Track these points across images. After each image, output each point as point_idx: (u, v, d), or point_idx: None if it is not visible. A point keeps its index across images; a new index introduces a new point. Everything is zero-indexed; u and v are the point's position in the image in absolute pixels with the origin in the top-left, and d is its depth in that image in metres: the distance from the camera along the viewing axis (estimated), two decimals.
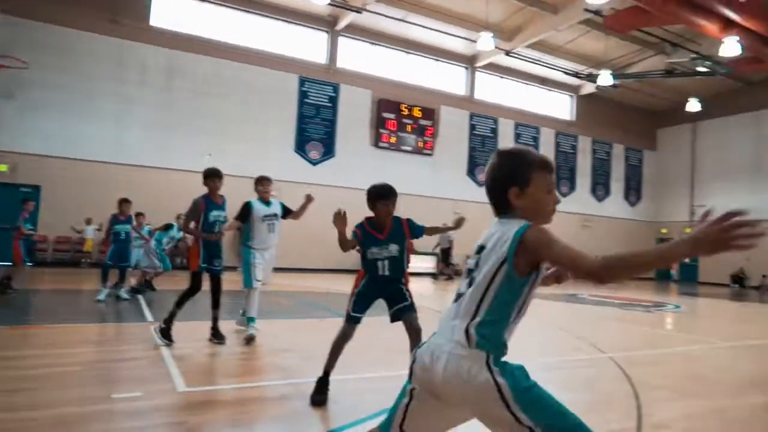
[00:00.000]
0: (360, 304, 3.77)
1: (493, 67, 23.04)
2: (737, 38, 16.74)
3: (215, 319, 5.44)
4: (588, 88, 24.55)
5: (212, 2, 17.94)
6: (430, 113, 21.51)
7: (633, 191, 27.98)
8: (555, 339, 6.99)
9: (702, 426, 3.62)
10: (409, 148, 21.07)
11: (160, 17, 17.21)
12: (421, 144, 21.31)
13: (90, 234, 14.76)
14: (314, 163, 19.24)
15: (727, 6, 16.01)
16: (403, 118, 20.91)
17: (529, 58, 21.50)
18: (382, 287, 3.83)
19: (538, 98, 25.03)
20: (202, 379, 4.06)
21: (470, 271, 1.61)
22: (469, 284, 1.57)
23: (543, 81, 24.58)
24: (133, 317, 7.06)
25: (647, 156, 28.53)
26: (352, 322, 3.72)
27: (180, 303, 5.25)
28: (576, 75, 22.26)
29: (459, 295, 1.60)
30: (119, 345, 5.30)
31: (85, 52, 15.82)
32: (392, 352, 5.57)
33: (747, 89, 24.75)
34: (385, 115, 20.59)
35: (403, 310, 3.75)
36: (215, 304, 5.47)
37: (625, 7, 16.95)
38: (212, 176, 5.55)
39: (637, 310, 11.37)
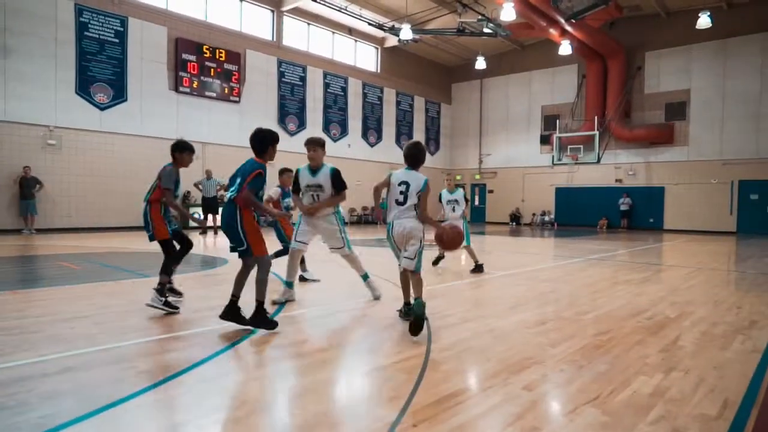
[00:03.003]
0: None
1: (301, 13, 22.54)
2: (512, 4, 18.86)
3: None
4: (391, 41, 25.57)
5: None
6: (235, 57, 20.34)
7: (432, 141, 30.47)
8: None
9: (477, 344, 4.22)
10: (213, 94, 19.76)
11: None
12: (227, 90, 20.14)
13: None
14: (102, 107, 16.92)
15: None
16: (206, 61, 19.42)
17: (335, 6, 21.47)
18: None
19: (346, 49, 25.32)
20: None
21: (401, 193, 4.61)
22: (405, 199, 4.60)
23: (350, 31, 24.87)
24: None
25: (444, 108, 31.16)
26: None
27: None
28: (380, 27, 22.95)
29: (399, 203, 4.61)
30: None
31: None
32: (202, 310, 5.36)
33: (521, 51, 28.39)
34: (185, 56, 18.88)
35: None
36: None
37: None
38: (187, 150, 5.92)
39: (432, 250, 12.60)
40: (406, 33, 20.63)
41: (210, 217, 16.27)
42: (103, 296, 6.00)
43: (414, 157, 4.77)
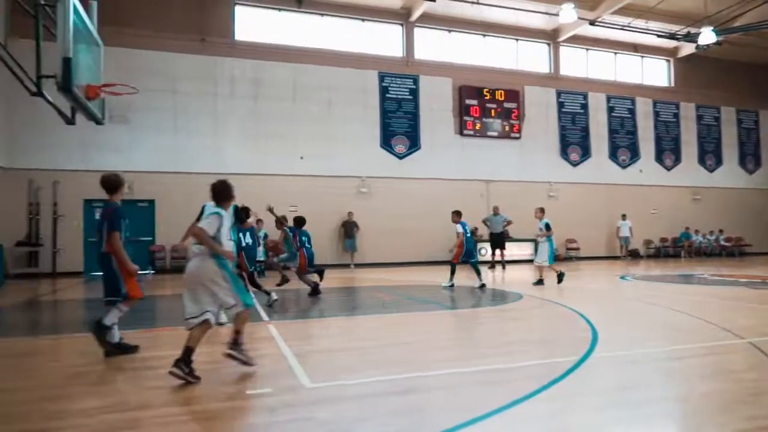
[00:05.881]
0: None
1: (578, 40, 21.88)
2: None
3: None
4: (687, 49, 22.64)
5: (288, 10, 18.51)
6: (514, 95, 20.87)
7: (750, 157, 25.42)
8: (683, 324, 6.51)
9: None
10: (494, 133, 20.59)
11: (243, 32, 18.06)
12: (507, 128, 20.75)
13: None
14: (401, 157, 19.35)
15: None
16: (486, 103, 20.46)
17: (617, 25, 20.20)
18: None
19: (630, 67, 23.44)
20: (325, 375, 4.21)
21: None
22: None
23: (635, 48, 22.99)
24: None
25: (764, 116, 25.79)
26: None
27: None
28: (672, 36, 20.58)
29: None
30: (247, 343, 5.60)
31: (182, 73, 16.98)
32: (505, 344, 5.47)
33: None
34: (468, 101, 20.26)
35: None
36: None
37: None
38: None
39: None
40: (707, 36, 18.01)
41: (498, 252, 16.74)
42: (412, 326, 6.65)
43: None
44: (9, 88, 14.43)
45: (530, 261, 18.13)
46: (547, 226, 11.24)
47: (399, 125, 19.44)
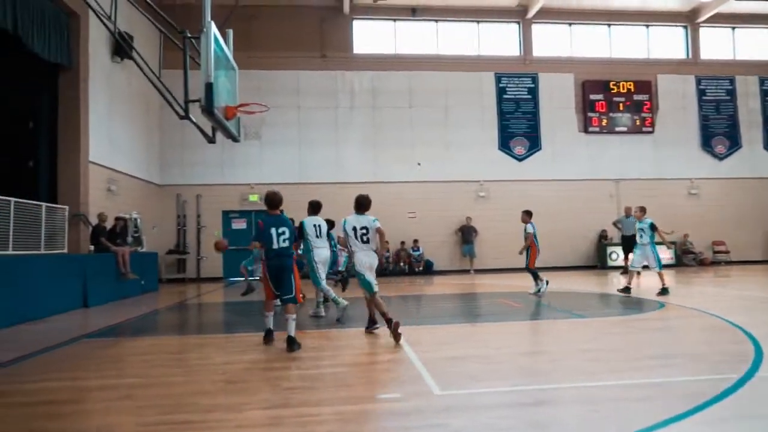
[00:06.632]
0: None
1: (722, 18, 19.68)
2: None
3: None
4: None
5: (403, 19, 18.84)
6: (645, 86, 19.31)
7: None
8: None
9: None
10: (623, 128, 19.19)
11: (361, 45, 18.72)
12: (638, 122, 19.23)
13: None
14: (520, 158, 18.77)
15: None
16: (613, 97, 19.15)
17: None
18: None
19: None
20: (453, 383, 4.16)
21: (363, 235, 6.25)
22: (365, 236, 6.25)
23: None
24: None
25: None
26: None
27: None
28: None
29: (364, 240, 6.23)
30: (371, 349, 5.76)
31: (305, 89, 18.02)
32: (648, 357, 5.04)
33: None
34: (593, 96, 19.11)
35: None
36: None
37: None
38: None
39: None
40: None
41: (630, 256, 15.48)
42: (541, 335, 6.36)
43: None
44: (161, 113, 16.43)
45: (669, 266, 16.60)
46: (652, 227, 10.13)
47: (518, 126, 18.88)
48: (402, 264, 17.92)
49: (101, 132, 12.59)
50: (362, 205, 6.42)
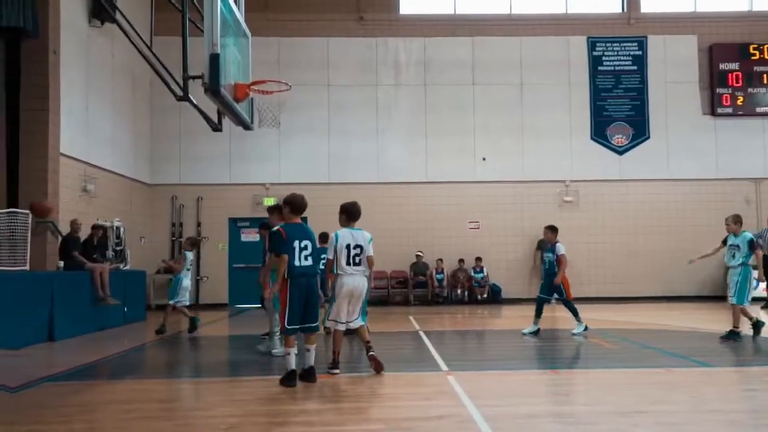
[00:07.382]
0: None
1: None
2: None
3: None
4: None
5: None
6: None
7: None
8: None
9: None
10: (766, 109, 18.63)
11: (408, 3, 18.87)
12: None
13: None
14: (621, 151, 18.43)
15: None
16: (754, 65, 18.66)
17: None
18: None
19: None
20: None
21: (356, 255, 6.49)
22: (358, 257, 6.52)
23: None
24: (427, 364, 7.57)
25: None
26: None
27: None
28: None
29: (356, 262, 6.51)
30: (412, 400, 5.73)
31: (337, 61, 18.28)
32: None
33: None
34: (724, 66, 18.63)
35: None
36: None
37: None
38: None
39: None
40: None
41: None
42: (655, 387, 6.17)
43: None
44: (152, 93, 16.94)
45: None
46: (751, 244, 9.17)
47: (617, 108, 18.58)
48: (460, 290, 17.83)
49: (75, 117, 13.01)
50: (354, 215, 6.66)
